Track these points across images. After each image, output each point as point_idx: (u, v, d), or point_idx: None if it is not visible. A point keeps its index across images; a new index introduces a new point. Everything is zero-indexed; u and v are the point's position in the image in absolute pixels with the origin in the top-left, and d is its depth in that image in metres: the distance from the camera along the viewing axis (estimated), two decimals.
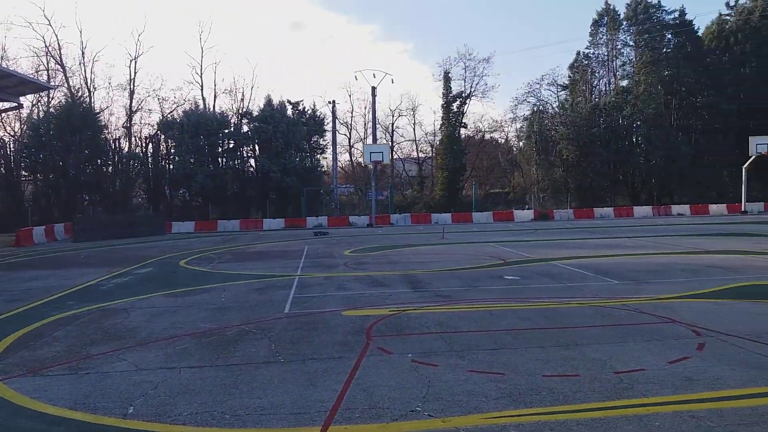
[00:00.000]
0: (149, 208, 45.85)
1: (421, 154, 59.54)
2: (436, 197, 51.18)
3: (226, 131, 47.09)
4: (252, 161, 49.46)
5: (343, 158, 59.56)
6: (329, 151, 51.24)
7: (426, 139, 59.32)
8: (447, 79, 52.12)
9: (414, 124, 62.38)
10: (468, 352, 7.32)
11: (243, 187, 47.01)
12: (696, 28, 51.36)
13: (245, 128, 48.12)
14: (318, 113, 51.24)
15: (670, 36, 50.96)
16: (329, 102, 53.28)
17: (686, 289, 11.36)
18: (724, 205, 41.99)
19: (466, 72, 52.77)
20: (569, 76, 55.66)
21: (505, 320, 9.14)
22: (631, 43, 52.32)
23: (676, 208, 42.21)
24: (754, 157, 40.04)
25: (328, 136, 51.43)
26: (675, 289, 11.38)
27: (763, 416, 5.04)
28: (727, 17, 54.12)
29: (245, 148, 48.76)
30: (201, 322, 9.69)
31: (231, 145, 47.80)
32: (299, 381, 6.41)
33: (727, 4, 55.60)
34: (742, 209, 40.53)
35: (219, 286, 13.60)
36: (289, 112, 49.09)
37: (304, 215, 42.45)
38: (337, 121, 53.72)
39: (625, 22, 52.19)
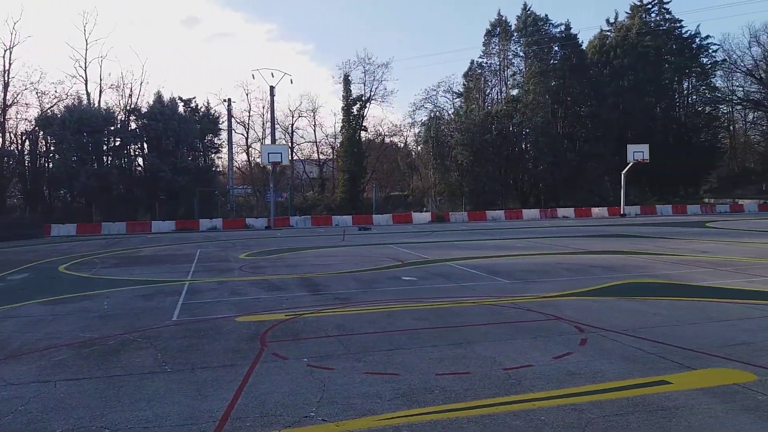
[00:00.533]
0: (26, 210, 42.35)
1: (322, 156, 59.36)
2: (337, 199, 51.16)
3: (112, 128, 44.50)
4: (140, 160, 47.10)
5: (240, 158, 58.14)
6: (225, 150, 49.78)
7: (327, 141, 59.26)
8: (347, 82, 52.29)
9: (315, 125, 62.00)
10: (364, 354, 7.28)
11: (130, 188, 44.60)
12: (580, 41, 54.96)
13: (133, 125, 45.75)
14: (212, 111, 49.64)
15: (557, 48, 54.09)
16: (224, 100, 51.82)
17: (570, 288, 12.00)
18: (606, 208, 45.04)
19: (365, 76, 53.24)
20: (464, 84, 57.62)
21: (401, 321, 9.20)
22: (521, 54, 55.01)
23: (561, 211, 44.75)
24: (631, 163, 43.26)
25: (224, 135, 49.97)
26: (560, 288, 11.98)
27: (638, 406, 5.36)
28: (608, 33, 58.36)
29: (133, 147, 46.32)
30: (80, 331, 9.01)
31: (117, 143, 45.22)
32: (187, 391, 6.08)
33: (608, 21, 60.03)
34: (621, 212, 43.64)
35: (102, 293, 12.75)
36: (181, 109, 47.18)
37: (197, 217, 40.90)
38: (233, 119, 52.37)
39: (516, 34, 54.75)
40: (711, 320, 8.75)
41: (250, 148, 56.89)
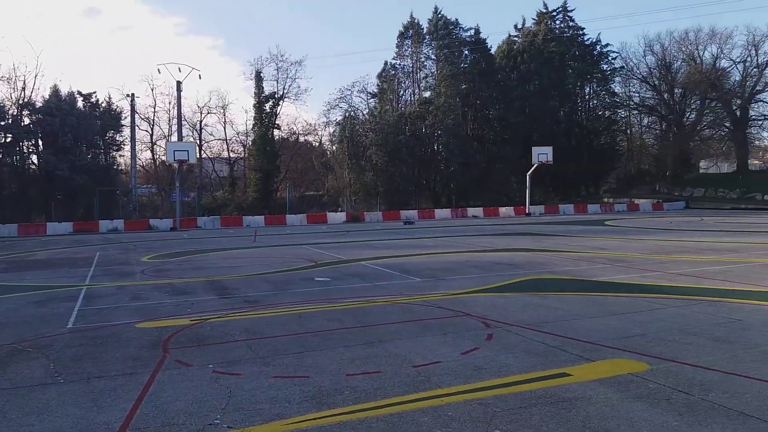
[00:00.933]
0: None
1: (232, 155, 57.75)
2: (249, 199, 50.02)
3: (3, 123, 41.25)
4: (34, 158, 43.98)
5: (144, 156, 55.46)
6: (127, 147, 47.45)
7: (238, 138, 57.72)
8: (259, 79, 51.25)
9: (225, 122, 60.16)
10: (273, 358, 7.12)
11: (23, 187, 41.60)
12: (489, 46, 56.58)
13: (26, 120, 42.62)
14: (114, 107, 47.18)
15: (467, 52, 55.52)
16: (128, 95, 49.27)
17: (479, 285, 12.32)
18: (512, 207, 46.73)
19: (278, 73, 52.34)
20: (378, 85, 57.93)
21: (313, 322, 9.09)
22: (433, 56, 55.99)
23: (471, 211, 46.02)
24: (536, 165, 45.13)
25: (127, 131, 47.61)
26: (468, 285, 12.28)
27: (540, 398, 5.55)
28: (516, 38, 60.58)
29: (26, 143, 43.22)
30: None
31: (8, 140, 42.01)
32: (82, 403, 5.70)
33: (516, 27, 62.30)
34: (527, 212, 45.41)
35: None
36: (80, 104, 44.54)
37: (96, 218, 38.69)
38: (137, 115, 49.94)
39: (428, 37, 55.70)
40: (608, 314, 9.24)
41: (155, 146, 54.46)
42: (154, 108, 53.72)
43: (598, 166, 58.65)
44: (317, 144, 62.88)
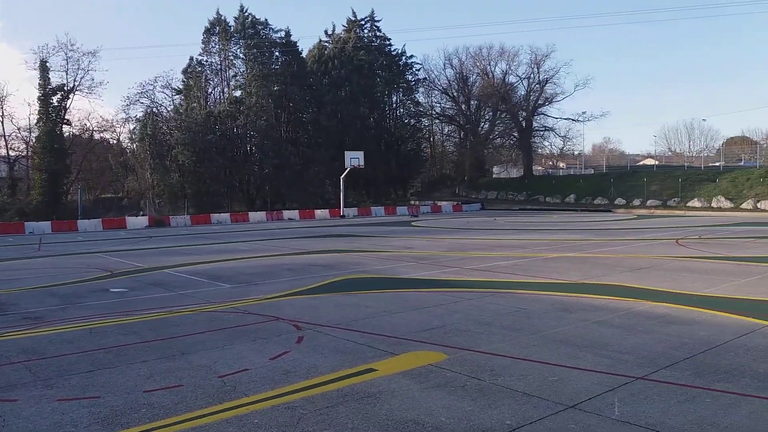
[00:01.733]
0: None
1: (12, 153, 50.78)
2: (33, 203, 44.43)
3: None
4: None
5: None
6: None
7: (20, 135, 50.85)
8: (44, 69, 45.78)
9: (2, 116, 52.74)
10: (58, 379, 6.34)
11: None
12: (300, 49, 56.79)
13: None
14: None
15: (278, 54, 55.13)
16: None
17: (291, 287, 12.25)
18: (328, 210, 47.44)
19: (68, 63, 47.23)
20: (183, 81, 55.08)
21: (107, 338, 8.27)
22: (242, 55, 54.69)
23: (287, 213, 45.81)
24: (348, 168, 46.30)
25: None
26: (281, 288, 12.15)
27: (347, 396, 5.63)
28: (326, 44, 61.54)
29: None
30: None
31: None
32: None
33: (326, 32, 63.24)
34: (341, 214, 46.42)
35: None
36: None
37: None
38: None
39: (236, 35, 54.27)
40: (412, 308, 9.73)
41: None
42: None
43: (405, 170, 61.99)
44: (115, 142, 57.75)
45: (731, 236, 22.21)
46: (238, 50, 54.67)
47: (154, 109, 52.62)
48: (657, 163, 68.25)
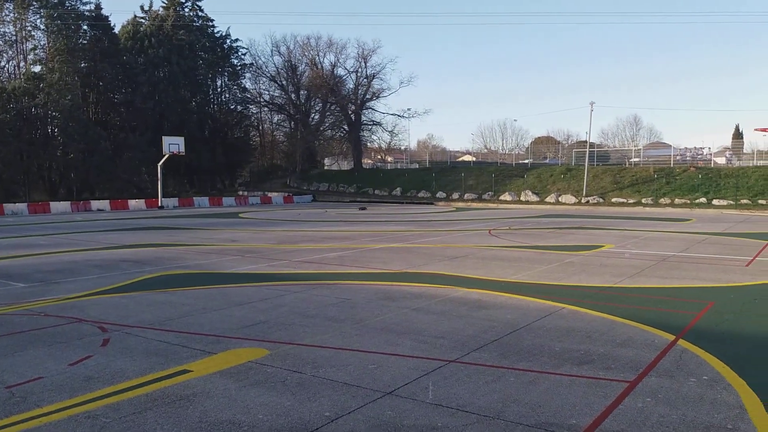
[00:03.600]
0: None
1: None
2: None
3: None
4: None
5: None
6: None
7: None
8: None
9: None
10: None
11: None
12: (113, 24, 52.26)
13: None
14: None
15: (86, 27, 50.12)
16: None
17: (98, 286, 11.16)
18: (144, 200, 44.24)
19: None
20: None
21: None
22: (43, 26, 48.87)
23: (96, 204, 41.94)
24: (167, 155, 43.59)
25: None
26: (86, 287, 11.01)
27: (157, 400, 5.21)
28: (142, 20, 57.23)
29: None
30: None
31: None
32: None
33: (142, 8, 58.82)
34: (160, 204, 43.61)
35: None
36: None
37: None
38: None
39: (35, 3, 48.30)
40: (234, 304, 9.35)
41: None
42: None
43: (232, 159, 59.98)
44: None
45: (536, 227, 24.65)
46: (39, 21, 48.73)
47: None
48: (474, 159, 73.79)
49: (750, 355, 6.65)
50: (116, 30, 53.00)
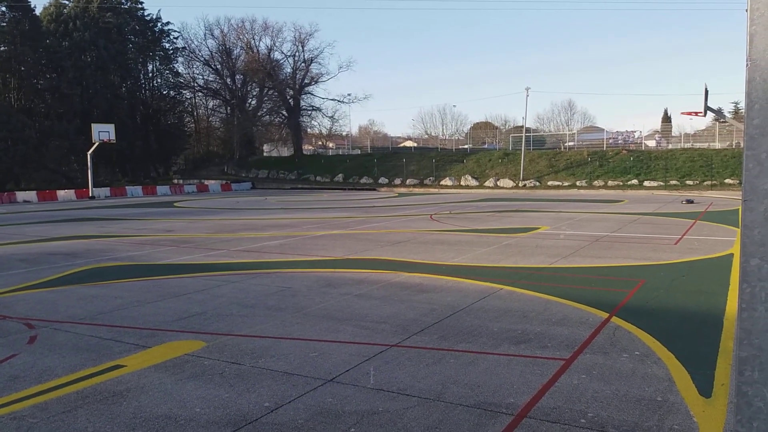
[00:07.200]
0: None
1: None
2: None
3: None
4: None
5: None
6: None
7: None
8: None
9: None
10: None
11: None
12: (33, 6, 49.44)
13: None
14: None
15: (5, 9, 47.26)
16: None
17: (24, 280, 10.61)
18: (73, 190, 42.38)
19: None
20: None
21: None
22: None
23: (21, 195, 39.87)
24: (97, 143, 41.82)
25: None
26: (11, 282, 10.45)
27: (88, 397, 5.01)
28: (65, 2, 54.38)
29: None
30: None
31: None
32: None
33: None
34: (90, 195, 41.87)
35: None
36: None
37: None
38: None
39: None
40: (170, 296, 9.07)
41: None
42: None
43: (166, 146, 58.11)
44: None
45: (476, 211, 25.07)
46: None
47: None
48: (415, 145, 74.16)
49: (678, 329, 6.98)
50: (37, 12, 50.16)
